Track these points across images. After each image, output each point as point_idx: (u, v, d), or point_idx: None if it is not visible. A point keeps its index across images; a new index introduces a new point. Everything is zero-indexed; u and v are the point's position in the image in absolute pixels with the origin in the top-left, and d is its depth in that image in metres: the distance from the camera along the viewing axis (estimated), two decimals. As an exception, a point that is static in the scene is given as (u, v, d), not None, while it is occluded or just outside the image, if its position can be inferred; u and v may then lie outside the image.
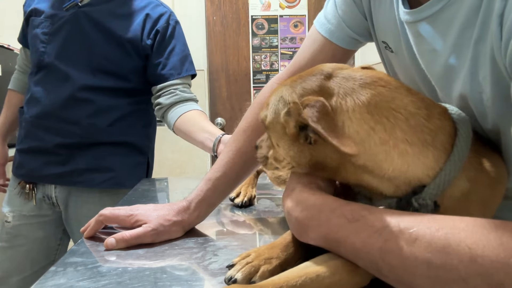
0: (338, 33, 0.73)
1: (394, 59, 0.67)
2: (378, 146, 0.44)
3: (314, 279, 0.44)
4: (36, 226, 1.32)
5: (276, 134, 0.52)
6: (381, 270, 0.42)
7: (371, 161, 0.45)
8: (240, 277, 0.48)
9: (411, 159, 0.44)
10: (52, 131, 1.23)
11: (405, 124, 0.44)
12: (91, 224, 0.72)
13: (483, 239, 0.36)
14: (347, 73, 0.49)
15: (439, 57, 0.52)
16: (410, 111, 0.45)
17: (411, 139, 0.44)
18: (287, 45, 2.81)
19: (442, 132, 0.46)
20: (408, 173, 0.45)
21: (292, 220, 0.51)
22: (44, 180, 1.28)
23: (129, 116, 1.31)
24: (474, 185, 0.46)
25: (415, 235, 0.39)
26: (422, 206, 0.45)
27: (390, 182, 0.46)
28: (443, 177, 0.45)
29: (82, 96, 1.22)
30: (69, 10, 1.24)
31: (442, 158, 0.45)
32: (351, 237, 0.44)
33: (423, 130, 0.44)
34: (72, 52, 1.24)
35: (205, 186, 0.74)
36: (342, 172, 0.49)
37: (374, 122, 0.44)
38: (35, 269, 1.31)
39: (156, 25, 1.30)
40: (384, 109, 0.45)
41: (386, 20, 0.63)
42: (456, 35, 0.48)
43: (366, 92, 0.45)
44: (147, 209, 0.71)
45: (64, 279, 0.55)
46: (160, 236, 0.68)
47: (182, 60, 1.37)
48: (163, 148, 2.73)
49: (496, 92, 0.45)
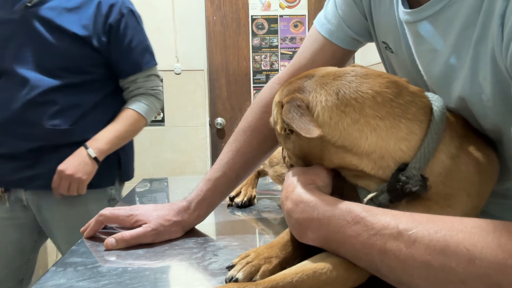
0: (338, 33, 0.73)
1: (394, 60, 0.67)
2: (351, 126, 0.49)
3: (311, 276, 0.45)
4: (10, 228, 1.31)
5: (277, 133, 0.59)
6: (380, 271, 0.43)
7: (348, 141, 0.49)
8: (241, 277, 0.48)
9: (384, 132, 0.48)
10: (16, 136, 1.22)
11: (372, 102, 0.49)
12: (91, 224, 0.72)
13: (481, 241, 0.36)
14: (325, 71, 0.55)
15: (439, 57, 0.52)
16: (377, 90, 0.49)
17: (380, 114, 0.48)
18: (287, 45, 2.81)
19: (413, 105, 0.49)
20: (384, 145, 0.48)
21: (292, 221, 0.51)
22: (13, 185, 1.28)
23: (92, 113, 1.29)
24: (456, 163, 0.48)
25: (414, 237, 0.39)
26: (410, 178, 0.46)
27: (369, 158, 0.48)
28: (423, 150, 0.47)
29: (43, 99, 1.21)
30: (19, 13, 1.22)
31: (417, 129, 0.48)
32: (350, 238, 0.44)
33: (391, 104, 0.48)
34: (28, 55, 1.22)
35: (205, 186, 0.73)
36: (326, 155, 0.52)
37: (344, 106, 0.49)
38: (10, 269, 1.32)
39: (109, 19, 1.27)
40: (352, 93, 0.50)
41: (386, 20, 0.63)
42: (457, 35, 0.48)
43: (336, 83, 0.51)
44: (147, 209, 0.71)
45: (64, 279, 0.55)
46: (160, 236, 0.68)
47: (141, 53, 1.35)
48: (163, 149, 2.73)
49: (496, 93, 0.45)
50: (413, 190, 0.46)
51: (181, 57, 2.70)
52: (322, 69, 0.56)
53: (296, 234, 0.51)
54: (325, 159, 0.53)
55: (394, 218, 0.42)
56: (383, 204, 0.48)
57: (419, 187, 0.46)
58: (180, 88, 2.72)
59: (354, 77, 0.51)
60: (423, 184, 0.46)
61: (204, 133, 2.76)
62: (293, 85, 0.55)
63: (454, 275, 0.36)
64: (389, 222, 0.42)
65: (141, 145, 2.69)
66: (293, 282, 0.44)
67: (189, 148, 2.76)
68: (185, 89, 2.72)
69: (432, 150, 0.47)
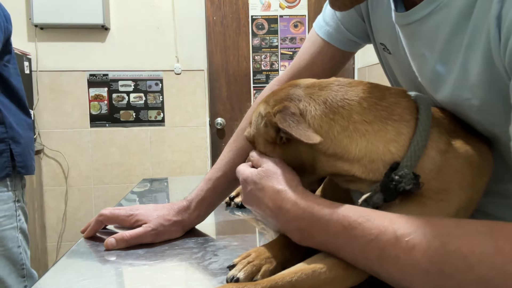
0: (337, 35, 0.73)
1: (392, 61, 0.67)
2: (341, 133, 0.49)
3: (310, 275, 0.45)
4: None
5: (261, 146, 0.57)
6: (379, 275, 0.43)
7: (339, 148, 0.49)
8: (242, 276, 0.48)
9: (372, 136, 0.48)
10: None
11: (359, 107, 0.50)
12: (91, 225, 0.72)
13: (479, 246, 0.36)
14: (309, 82, 0.56)
15: (428, 62, 0.52)
16: (362, 96, 0.50)
17: (368, 119, 0.49)
18: (287, 45, 2.81)
19: (398, 106, 0.50)
20: (374, 149, 0.48)
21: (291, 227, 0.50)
22: None
23: None
24: (446, 157, 0.48)
25: (412, 243, 0.39)
26: (402, 177, 0.46)
27: (359, 163, 0.49)
28: (412, 148, 0.47)
29: None
30: None
31: (405, 129, 0.48)
32: (349, 244, 0.44)
33: (377, 108, 0.49)
34: None
35: (206, 186, 0.73)
36: (318, 164, 0.52)
37: (333, 114, 0.50)
38: None
39: None
40: (339, 101, 0.51)
41: (384, 22, 0.63)
42: (444, 41, 0.48)
43: (323, 93, 0.52)
44: (147, 209, 0.71)
45: (64, 279, 0.55)
46: (160, 236, 0.68)
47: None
48: (163, 149, 2.73)
49: (493, 95, 0.45)
50: (406, 188, 0.46)
51: (181, 57, 2.70)
52: (305, 80, 0.57)
53: (296, 240, 0.50)
54: (317, 167, 0.53)
55: (392, 223, 0.42)
56: (378, 204, 0.48)
57: (412, 185, 0.46)
58: (180, 88, 2.72)
59: (339, 86, 0.52)
60: (416, 182, 0.46)
61: (204, 133, 2.76)
62: (279, 95, 0.55)
63: (453, 281, 0.36)
64: (387, 227, 0.42)
65: (141, 145, 2.69)
66: (292, 281, 0.44)
67: (189, 148, 2.76)
68: (185, 89, 2.72)
69: (422, 148, 0.47)
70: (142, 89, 2.69)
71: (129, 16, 2.61)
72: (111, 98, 2.67)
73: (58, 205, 2.67)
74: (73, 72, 2.62)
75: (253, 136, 0.59)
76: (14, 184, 1.46)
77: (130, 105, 2.69)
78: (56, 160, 2.65)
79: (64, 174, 2.66)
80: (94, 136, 2.67)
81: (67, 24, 2.50)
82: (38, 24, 2.48)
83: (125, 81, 2.67)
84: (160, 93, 2.70)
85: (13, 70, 1.46)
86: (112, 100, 2.68)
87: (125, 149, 2.69)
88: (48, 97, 2.61)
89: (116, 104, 2.68)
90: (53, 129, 2.63)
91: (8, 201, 1.43)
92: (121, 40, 2.63)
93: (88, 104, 2.66)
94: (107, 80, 2.66)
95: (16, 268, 1.45)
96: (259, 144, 0.57)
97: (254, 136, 0.58)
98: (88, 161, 2.67)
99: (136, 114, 2.69)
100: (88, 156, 2.67)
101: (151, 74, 2.68)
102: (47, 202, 2.67)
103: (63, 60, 2.60)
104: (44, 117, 2.61)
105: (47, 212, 2.67)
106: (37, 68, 2.56)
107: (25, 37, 2.54)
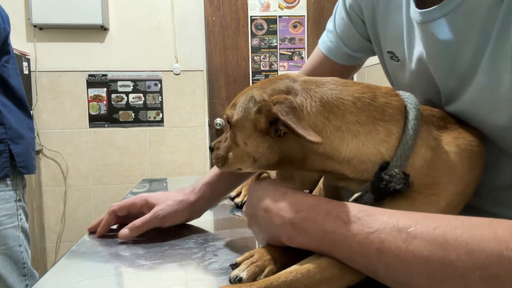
0: (336, 50, 0.78)
1: (398, 69, 0.67)
2: (333, 133, 0.49)
3: (305, 275, 0.45)
4: None
5: (245, 132, 0.54)
6: (376, 271, 0.42)
7: (330, 148, 0.49)
8: (245, 276, 0.48)
9: (363, 137, 0.49)
10: None
11: (353, 107, 0.50)
12: (104, 219, 0.73)
13: (479, 234, 0.37)
14: (305, 77, 0.56)
15: (458, 52, 0.51)
16: (356, 96, 0.50)
17: (360, 119, 0.49)
18: (286, 45, 2.82)
19: (389, 107, 0.50)
20: (364, 151, 0.49)
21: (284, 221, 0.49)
22: None
23: None
24: (436, 153, 0.49)
25: (414, 234, 0.39)
26: (392, 176, 0.47)
27: (349, 164, 0.49)
28: (402, 147, 0.48)
29: None
30: None
31: (395, 129, 0.49)
32: (347, 239, 0.44)
33: (369, 108, 0.50)
34: None
35: (213, 171, 0.77)
36: (307, 161, 0.52)
37: (328, 113, 0.50)
38: None
39: None
40: (334, 100, 0.50)
41: (394, 29, 0.63)
42: (477, 28, 0.48)
43: (320, 90, 0.52)
44: (155, 193, 0.75)
45: (64, 279, 0.55)
46: (167, 218, 0.71)
47: None
48: (162, 149, 2.73)
49: None
50: (396, 188, 0.47)
51: (181, 57, 2.70)
52: (301, 75, 0.57)
53: (285, 237, 0.49)
54: (306, 165, 0.53)
55: (392, 217, 0.42)
56: (368, 203, 0.48)
57: (403, 184, 0.47)
58: (179, 89, 2.72)
59: (335, 85, 0.52)
60: (406, 181, 0.47)
61: (203, 134, 2.76)
62: (278, 85, 0.53)
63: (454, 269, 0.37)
64: (387, 220, 0.42)
65: (140, 146, 2.69)
66: (287, 281, 0.44)
67: (189, 149, 2.76)
68: (185, 89, 2.73)
69: (411, 146, 0.48)
70: (141, 90, 2.69)
71: (128, 16, 2.61)
72: (110, 99, 2.67)
73: (57, 206, 2.67)
74: (72, 72, 2.62)
75: (237, 120, 0.55)
76: (15, 184, 1.46)
77: (129, 106, 2.69)
78: (55, 161, 2.65)
79: (63, 175, 2.66)
80: (93, 137, 2.67)
81: (66, 24, 2.50)
82: (37, 24, 2.48)
83: (124, 81, 2.67)
84: (159, 93, 2.70)
85: (12, 70, 1.46)
86: (111, 101, 2.68)
87: (124, 150, 2.69)
88: (47, 97, 2.61)
89: (115, 104, 2.68)
90: (52, 130, 2.63)
91: (10, 200, 1.43)
92: (120, 40, 2.63)
93: (87, 105, 2.66)
94: (106, 80, 2.66)
95: (17, 266, 1.45)
96: (243, 129, 0.54)
97: (239, 120, 0.55)
98: (87, 162, 2.67)
99: (135, 114, 2.69)
100: (87, 156, 2.67)
101: (150, 74, 2.68)
102: (46, 203, 2.67)
103: (62, 60, 2.60)
104: (43, 117, 2.61)
105: (46, 213, 2.67)
106: (36, 68, 2.56)
107: (24, 38, 2.54)
